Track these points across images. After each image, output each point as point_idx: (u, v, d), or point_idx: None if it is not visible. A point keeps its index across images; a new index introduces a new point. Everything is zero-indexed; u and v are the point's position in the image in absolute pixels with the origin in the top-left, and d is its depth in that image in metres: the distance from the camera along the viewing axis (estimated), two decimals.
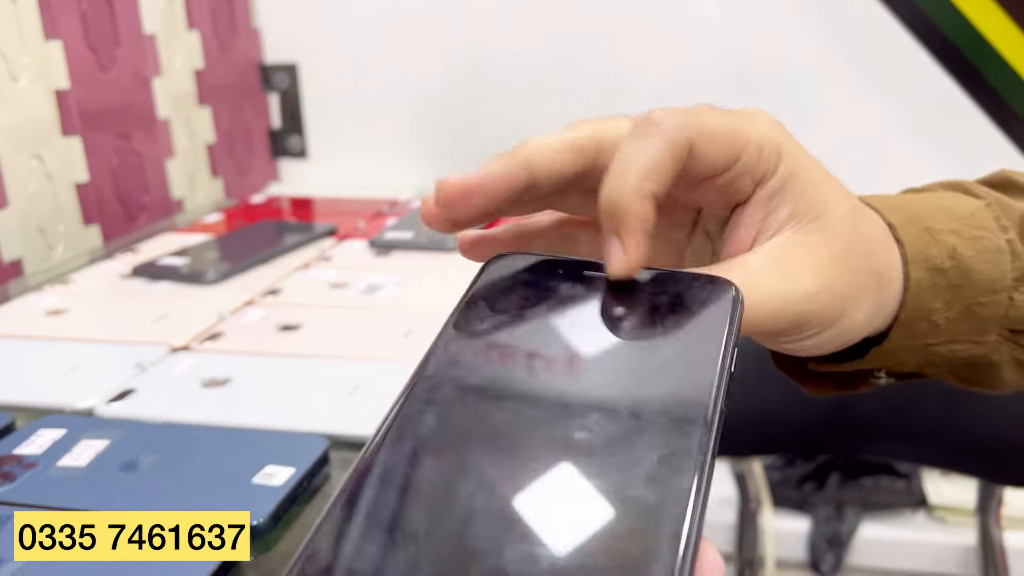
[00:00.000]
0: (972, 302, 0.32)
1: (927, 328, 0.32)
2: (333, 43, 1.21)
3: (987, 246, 0.31)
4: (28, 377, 0.55)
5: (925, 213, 0.32)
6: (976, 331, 0.32)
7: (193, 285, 0.71)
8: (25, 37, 0.82)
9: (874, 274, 0.29)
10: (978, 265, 0.31)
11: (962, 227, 0.31)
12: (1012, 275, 0.32)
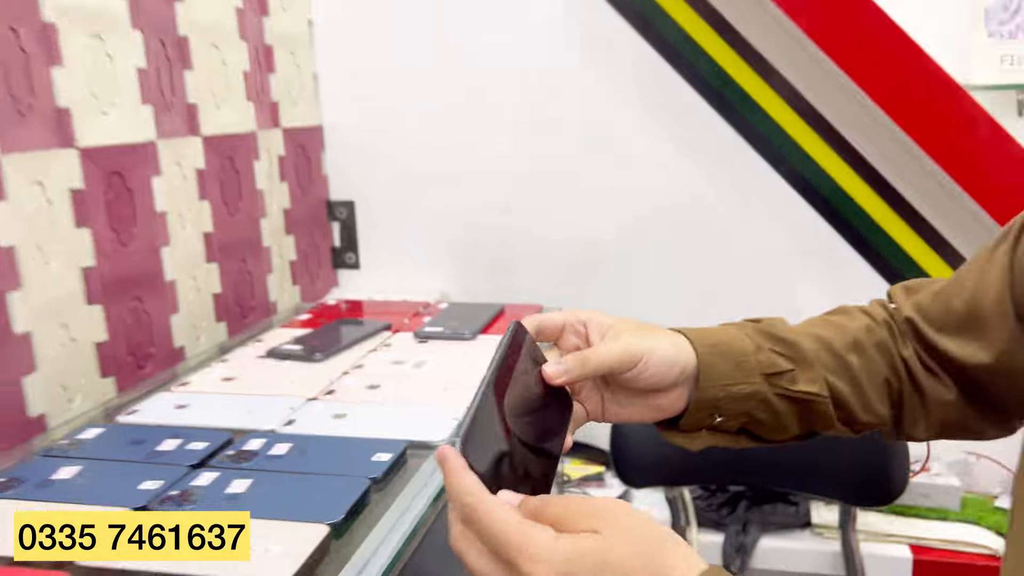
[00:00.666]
0: (738, 359, 0.62)
1: (719, 371, 0.61)
2: (380, 185, 1.66)
3: (737, 333, 0.64)
4: (229, 414, 0.96)
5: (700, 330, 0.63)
6: (746, 376, 0.62)
7: (308, 363, 1.13)
8: (57, 229, 0.98)
9: (667, 333, 0.61)
10: (736, 344, 0.63)
11: (718, 332, 0.64)
12: (753, 347, 0.63)
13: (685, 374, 0.61)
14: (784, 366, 0.64)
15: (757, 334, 0.65)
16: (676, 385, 0.62)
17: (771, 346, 0.65)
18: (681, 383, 0.62)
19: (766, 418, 0.65)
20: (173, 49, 1.19)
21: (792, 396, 0.64)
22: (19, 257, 0.93)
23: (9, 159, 0.91)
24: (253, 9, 1.41)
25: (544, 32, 1.53)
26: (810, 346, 0.66)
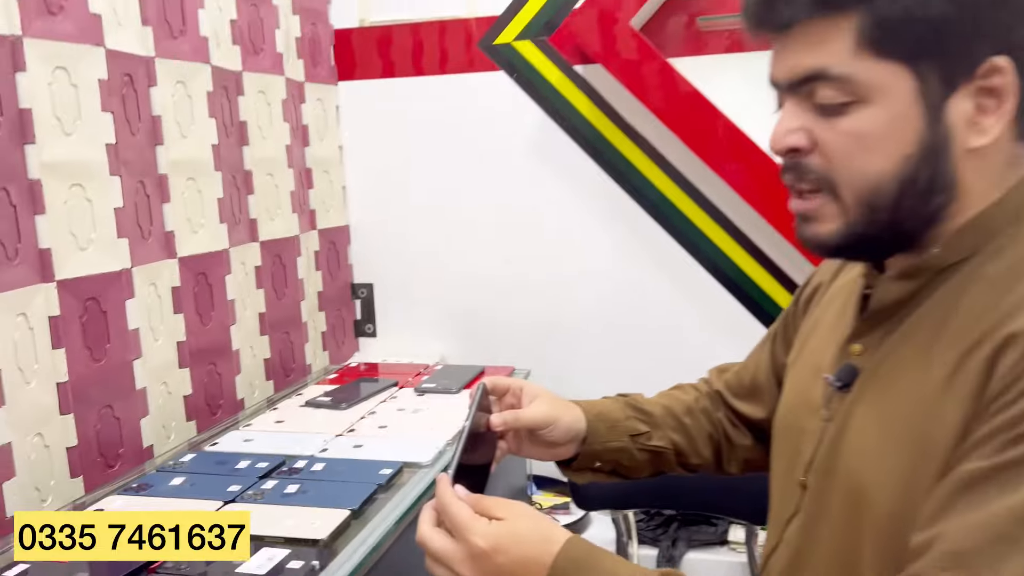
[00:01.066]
0: (612, 425, 0.92)
1: (600, 434, 0.90)
2: (394, 271, 2.10)
3: (613, 405, 0.95)
4: (281, 445, 1.38)
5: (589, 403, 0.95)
6: (618, 436, 0.92)
7: (335, 411, 1.55)
8: (37, 351, 1.16)
9: (569, 405, 0.92)
10: (611, 414, 0.93)
11: (601, 404, 0.95)
12: (623, 416, 0.93)
13: (578, 436, 0.92)
14: (642, 429, 0.95)
15: (626, 406, 0.97)
16: (571, 442, 0.92)
17: (634, 415, 0.96)
18: (572, 441, 0.92)
19: (629, 464, 0.95)
20: (153, 187, 1.41)
21: (647, 449, 0.95)
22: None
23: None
24: (298, 143, 1.88)
25: (524, 160, 1.97)
26: (659, 413, 0.97)
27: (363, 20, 2.04)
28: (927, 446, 0.65)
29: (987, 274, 0.67)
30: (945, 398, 0.65)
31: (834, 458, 0.75)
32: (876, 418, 0.71)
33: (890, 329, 0.73)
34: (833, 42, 0.65)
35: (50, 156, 1.20)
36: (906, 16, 0.63)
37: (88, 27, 1.27)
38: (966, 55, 0.64)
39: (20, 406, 1.15)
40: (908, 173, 0.66)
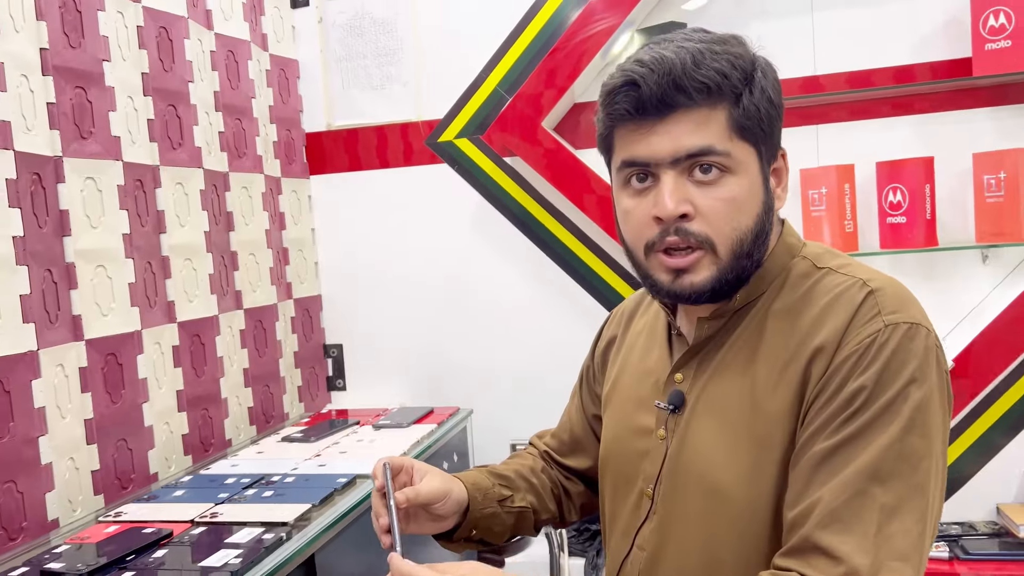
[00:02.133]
0: (485, 493, 1.02)
1: (477, 502, 1.00)
2: (360, 333, 2.47)
3: (483, 477, 1.04)
4: (262, 466, 1.72)
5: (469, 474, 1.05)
6: (490, 503, 1.02)
7: (306, 443, 1.89)
8: (70, 394, 1.44)
9: (455, 479, 1.00)
10: (483, 484, 1.03)
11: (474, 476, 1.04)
12: (490, 484, 1.03)
13: (462, 507, 1.01)
14: (506, 493, 1.06)
15: (489, 475, 1.07)
16: (455, 514, 1.00)
17: (498, 481, 1.06)
18: (458, 512, 1.01)
19: (499, 530, 1.05)
20: (157, 266, 1.76)
21: (512, 510, 1.05)
22: (47, 414, 1.48)
23: (44, 352, 1.46)
24: (276, 227, 2.27)
25: (466, 235, 2.37)
26: (515, 477, 1.08)
27: (330, 125, 2.46)
28: (764, 444, 0.83)
29: (777, 311, 0.87)
30: (771, 405, 0.83)
31: (680, 466, 0.89)
32: (715, 430, 0.87)
33: (703, 359, 0.90)
34: (713, 126, 0.82)
35: (82, 244, 1.58)
36: (756, 112, 0.83)
37: (110, 147, 1.67)
38: (775, 144, 0.88)
39: (58, 434, 1.50)
40: (759, 226, 0.85)
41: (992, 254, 2.01)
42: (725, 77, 0.81)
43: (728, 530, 0.84)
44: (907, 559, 0.74)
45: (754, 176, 0.84)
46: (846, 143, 2.09)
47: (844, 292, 0.84)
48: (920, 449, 0.77)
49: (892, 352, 0.78)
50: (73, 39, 1.59)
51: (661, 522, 0.90)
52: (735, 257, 0.84)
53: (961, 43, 1.97)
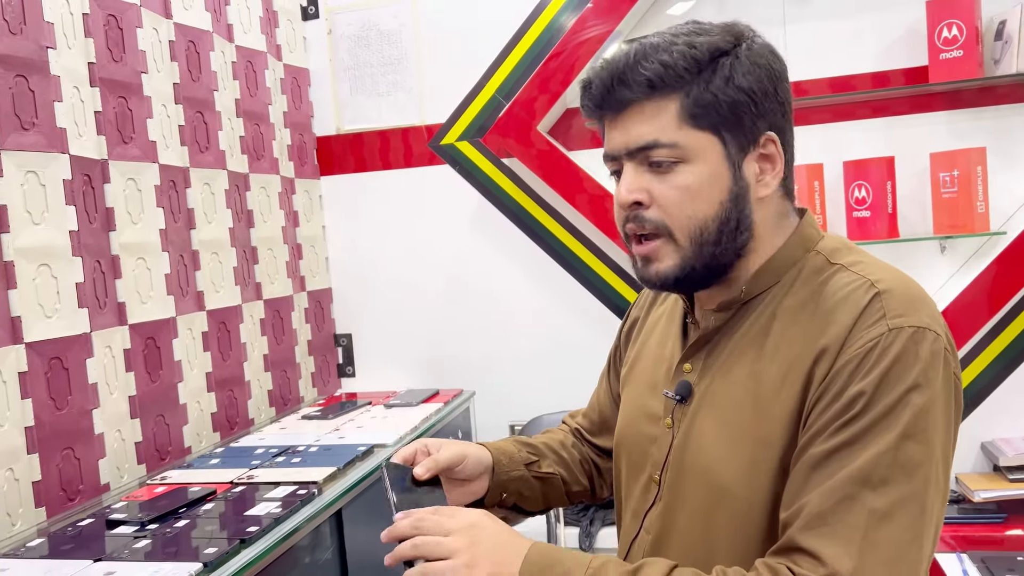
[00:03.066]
0: (511, 457, 1.08)
1: (503, 466, 1.05)
2: (368, 324, 2.64)
3: (509, 444, 1.11)
4: (286, 440, 1.89)
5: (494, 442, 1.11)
6: (516, 466, 1.07)
7: (324, 420, 2.07)
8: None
9: (474, 444, 1.06)
10: (508, 449, 1.09)
11: (499, 443, 1.11)
12: (517, 450, 1.10)
13: (487, 468, 1.05)
14: (533, 458, 1.10)
15: (516, 442, 1.13)
16: (482, 475, 1.05)
17: (525, 448, 1.11)
18: (484, 474, 1.05)
19: (529, 495, 1.08)
20: (189, 259, 1.96)
21: (540, 476, 1.09)
22: (99, 389, 1.61)
23: (96, 334, 1.58)
24: (291, 225, 2.45)
25: (466, 232, 2.55)
26: (543, 447, 1.14)
27: (339, 129, 2.64)
28: (765, 443, 0.83)
29: (787, 308, 0.86)
30: (775, 405, 0.83)
31: (684, 458, 0.90)
32: (718, 425, 0.88)
33: (711, 351, 0.91)
34: (662, 118, 0.84)
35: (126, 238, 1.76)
36: (713, 100, 0.84)
37: (148, 150, 1.84)
38: (752, 129, 0.86)
39: (107, 409, 1.68)
40: (723, 215, 0.85)
41: (949, 245, 2.20)
42: (669, 68, 0.83)
43: (727, 524, 0.86)
44: (894, 566, 0.74)
45: (715, 164, 0.85)
46: (816, 144, 2.28)
47: (852, 293, 0.82)
48: (917, 456, 0.75)
49: (895, 357, 0.77)
50: (115, 53, 1.77)
51: (666, 508, 0.92)
52: (697, 245, 0.86)
53: (918, 52, 2.16)
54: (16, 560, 1.28)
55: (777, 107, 0.88)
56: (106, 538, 1.35)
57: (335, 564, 1.53)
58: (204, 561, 1.20)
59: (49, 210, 1.55)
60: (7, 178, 1.46)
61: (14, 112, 1.49)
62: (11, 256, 1.46)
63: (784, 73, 0.90)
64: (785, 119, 0.89)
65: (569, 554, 0.82)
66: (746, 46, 0.87)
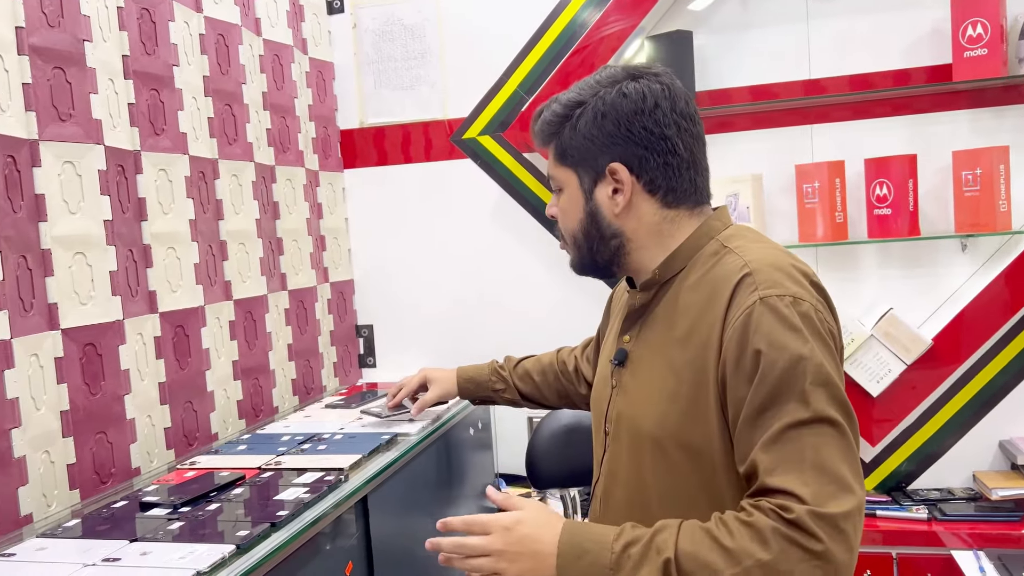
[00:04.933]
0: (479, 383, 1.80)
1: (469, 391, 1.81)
2: (389, 315, 2.67)
3: (485, 368, 1.79)
4: (311, 428, 1.93)
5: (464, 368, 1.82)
6: (483, 391, 1.79)
7: (347, 408, 2.10)
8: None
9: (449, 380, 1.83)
10: (480, 376, 1.79)
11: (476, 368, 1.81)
12: (487, 380, 1.77)
13: (453, 396, 1.80)
14: (499, 387, 1.75)
15: (491, 371, 1.76)
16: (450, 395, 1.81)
17: (495, 378, 1.75)
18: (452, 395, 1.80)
19: (490, 403, 1.80)
20: (217, 249, 2.03)
21: (503, 398, 1.76)
22: (131, 376, 1.68)
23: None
24: (315, 216, 2.48)
25: (487, 225, 2.57)
26: (517, 372, 1.73)
27: (362, 122, 2.66)
28: (673, 394, 1.06)
29: (688, 285, 1.10)
30: (680, 364, 1.06)
31: (619, 411, 1.16)
32: (640, 382, 1.13)
33: (642, 324, 1.16)
34: (551, 157, 1.17)
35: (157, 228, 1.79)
36: (571, 143, 1.12)
37: (178, 142, 1.88)
38: (597, 164, 1.11)
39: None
40: (584, 228, 1.15)
41: (970, 243, 2.21)
42: (546, 124, 1.15)
43: (649, 461, 1.09)
44: (836, 480, 0.93)
45: (573, 191, 1.14)
46: (838, 141, 2.29)
47: (730, 271, 1.05)
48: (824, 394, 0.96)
49: (775, 320, 0.98)
50: (148, 47, 1.80)
51: (612, 454, 1.17)
52: (577, 248, 1.17)
53: (943, 51, 2.16)
54: (54, 540, 1.32)
55: (626, 141, 1.10)
56: (139, 520, 1.38)
57: (361, 549, 1.56)
58: (236, 544, 1.23)
59: (85, 200, 1.59)
60: (45, 168, 1.50)
61: (52, 103, 1.52)
62: (48, 244, 1.50)
63: (645, 110, 1.09)
64: (645, 148, 1.10)
65: (595, 539, 0.98)
66: (600, 96, 1.10)
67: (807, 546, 0.90)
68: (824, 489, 0.92)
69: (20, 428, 1.41)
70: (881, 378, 2.17)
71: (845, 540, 0.92)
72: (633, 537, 0.96)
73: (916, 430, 2.22)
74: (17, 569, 1.21)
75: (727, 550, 0.92)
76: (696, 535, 0.95)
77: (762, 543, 0.91)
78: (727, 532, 0.94)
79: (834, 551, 0.91)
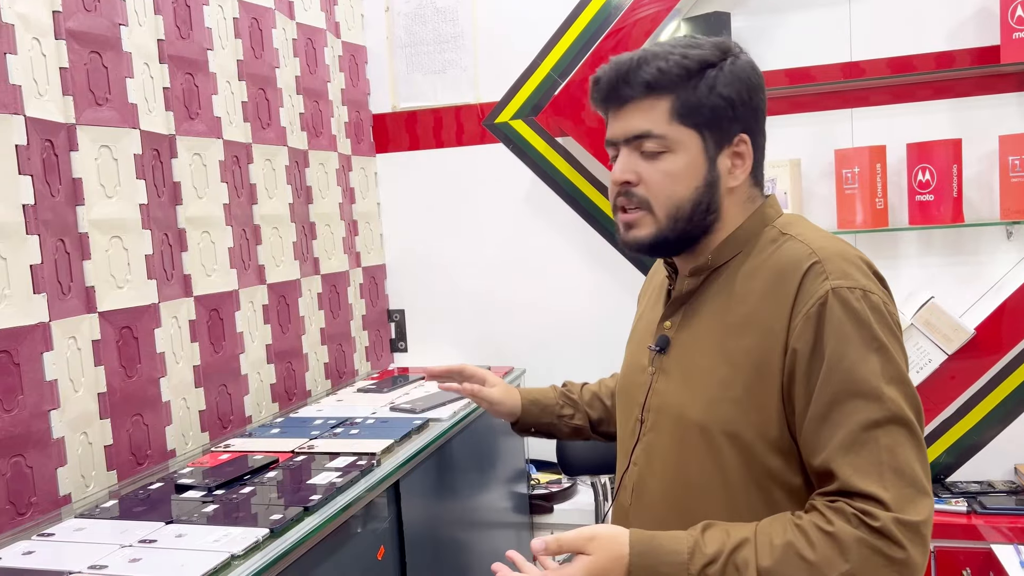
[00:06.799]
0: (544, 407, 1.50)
1: (532, 415, 1.50)
2: (421, 300, 2.67)
3: (550, 392, 1.53)
4: (343, 412, 1.93)
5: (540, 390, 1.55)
6: (548, 416, 1.49)
7: (379, 393, 2.11)
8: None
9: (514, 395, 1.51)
10: (545, 400, 1.51)
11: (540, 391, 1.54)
12: (554, 401, 1.50)
13: (515, 416, 1.49)
14: (567, 412, 1.48)
15: (559, 395, 1.50)
16: (511, 415, 1.49)
17: (564, 401, 1.49)
18: (513, 416, 1.49)
19: (558, 433, 1.50)
20: (251, 234, 2.02)
21: (570, 424, 1.48)
22: (166, 359, 1.70)
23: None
24: (347, 201, 2.48)
25: (519, 210, 2.55)
26: (586, 399, 1.48)
27: (395, 107, 2.66)
28: (725, 381, 1.01)
29: (746, 271, 1.05)
30: (736, 351, 1.01)
31: (661, 399, 1.10)
32: (686, 368, 1.07)
33: (686, 311, 1.10)
34: (655, 113, 1.03)
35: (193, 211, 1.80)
36: (698, 104, 1.02)
37: (213, 126, 1.88)
38: (728, 131, 1.04)
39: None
40: (697, 198, 1.04)
41: (1016, 230, 2.15)
42: (664, 74, 1.01)
43: (693, 450, 1.04)
44: (914, 481, 0.92)
45: (694, 156, 1.03)
46: (879, 125, 2.24)
47: (798, 258, 1.00)
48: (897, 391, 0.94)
49: (845, 313, 0.95)
50: (183, 31, 1.80)
51: (648, 443, 1.11)
52: (672, 220, 1.04)
53: (990, 32, 2.10)
54: (92, 520, 1.34)
55: (751, 114, 1.05)
56: (175, 502, 1.40)
57: (392, 534, 1.56)
58: (271, 527, 1.24)
59: (121, 184, 1.60)
60: (82, 152, 1.51)
61: (89, 88, 1.53)
62: (85, 228, 1.51)
63: (761, 85, 1.07)
64: (758, 124, 1.07)
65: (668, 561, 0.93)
66: (731, 61, 1.04)
67: (890, 554, 0.90)
68: (903, 492, 0.91)
69: (59, 410, 1.43)
70: (921, 368, 2.13)
71: (924, 545, 0.91)
72: (710, 556, 0.93)
73: (956, 421, 2.17)
74: (57, 549, 1.23)
75: (809, 564, 0.90)
76: (776, 548, 0.92)
77: (842, 553, 0.90)
78: (807, 543, 0.92)
79: (914, 557, 0.90)
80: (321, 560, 1.32)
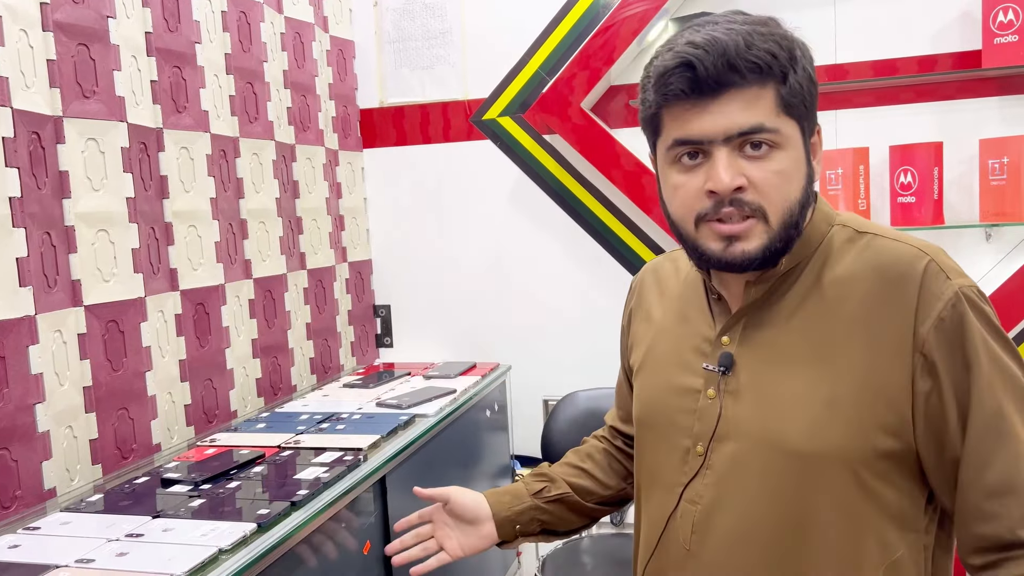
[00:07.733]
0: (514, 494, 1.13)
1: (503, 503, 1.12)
2: (406, 295, 2.68)
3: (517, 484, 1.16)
4: (329, 407, 1.94)
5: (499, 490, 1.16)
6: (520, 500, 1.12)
7: (365, 388, 2.11)
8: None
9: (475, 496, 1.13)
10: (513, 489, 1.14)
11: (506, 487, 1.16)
12: (524, 486, 1.14)
13: (486, 512, 1.13)
14: (540, 486, 1.14)
15: (530, 477, 1.16)
16: (486, 519, 1.12)
17: (533, 479, 1.16)
18: (487, 518, 1.12)
19: (550, 520, 1.14)
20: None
21: (552, 499, 1.13)
22: (152, 353, 1.70)
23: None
24: (334, 196, 2.48)
25: (506, 207, 2.56)
26: (557, 471, 1.17)
27: (382, 102, 2.65)
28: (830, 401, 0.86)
29: (831, 277, 0.90)
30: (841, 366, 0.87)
31: (740, 425, 0.92)
32: (760, 388, 0.91)
33: (748, 322, 0.93)
34: (762, 104, 0.85)
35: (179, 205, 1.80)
36: (800, 90, 0.86)
37: (201, 120, 1.88)
38: (814, 119, 0.91)
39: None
40: (804, 198, 0.88)
41: (995, 233, 2.18)
42: (774, 57, 0.85)
43: (796, 482, 0.87)
44: None
45: (799, 150, 0.87)
46: (862, 127, 2.26)
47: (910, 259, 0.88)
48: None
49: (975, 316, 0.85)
50: (171, 24, 1.80)
51: (719, 478, 0.92)
52: (784, 227, 0.87)
53: (972, 36, 2.13)
54: (77, 514, 1.34)
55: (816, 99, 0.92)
56: (161, 496, 1.40)
57: (378, 529, 1.57)
58: (257, 522, 1.24)
59: (108, 177, 1.59)
60: (69, 144, 1.50)
61: (76, 80, 1.53)
62: (72, 221, 1.51)
63: None
64: None
65: None
66: (800, 40, 0.90)
67: None
68: None
69: (44, 403, 1.43)
70: None
71: None
72: None
73: None
74: (43, 542, 1.23)
75: None
76: None
77: None
78: None
79: None
80: (307, 555, 1.32)
